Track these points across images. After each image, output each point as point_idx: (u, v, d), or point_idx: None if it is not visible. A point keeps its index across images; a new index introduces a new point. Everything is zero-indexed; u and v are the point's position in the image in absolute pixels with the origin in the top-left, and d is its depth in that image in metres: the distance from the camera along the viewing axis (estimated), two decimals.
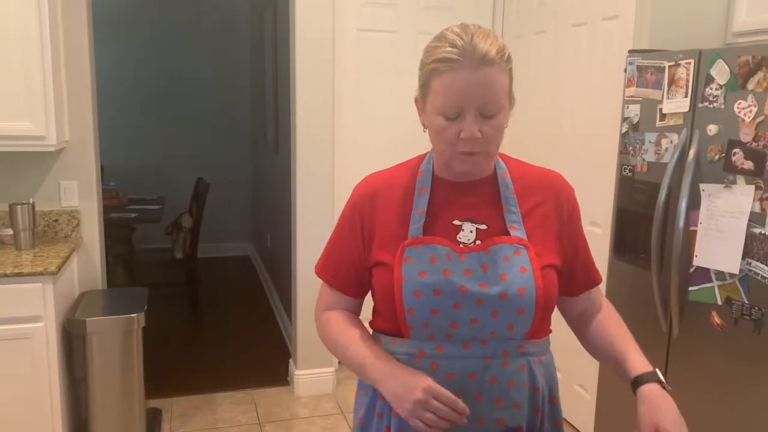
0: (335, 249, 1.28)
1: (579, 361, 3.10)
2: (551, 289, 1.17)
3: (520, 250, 1.14)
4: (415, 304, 1.12)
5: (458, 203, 1.19)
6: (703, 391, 2.17)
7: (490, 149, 1.13)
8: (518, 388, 1.15)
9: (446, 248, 1.14)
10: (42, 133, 2.70)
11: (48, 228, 3.08)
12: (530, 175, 1.25)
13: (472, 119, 1.08)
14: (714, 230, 2.07)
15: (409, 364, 1.14)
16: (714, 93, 2.09)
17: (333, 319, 1.28)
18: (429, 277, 1.12)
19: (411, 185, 1.22)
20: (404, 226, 1.18)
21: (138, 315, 2.80)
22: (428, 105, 1.12)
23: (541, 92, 3.37)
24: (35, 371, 2.58)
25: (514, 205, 1.19)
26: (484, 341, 1.13)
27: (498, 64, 1.08)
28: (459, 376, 1.12)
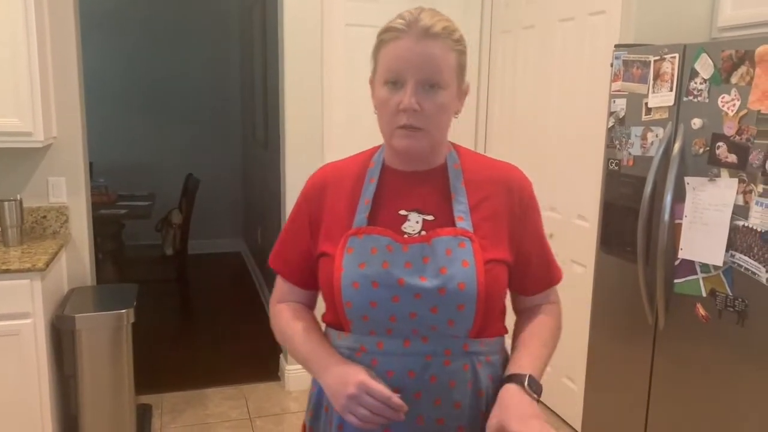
0: (286, 240, 1.27)
1: (566, 352, 3.12)
2: (496, 284, 1.13)
3: (464, 242, 1.11)
4: (353, 296, 1.10)
5: (406, 193, 1.17)
6: (689, 382, 2.19)
7: (431, 127, 1.10)
8: (459, 387, 1.12)
9: (388, 239, 1.12)
10: (29, 129, 2.68)
11: (36, 224, 3.07)
12: (483, 167, 1.22)
13: (411, 89, 1.06)
14: (698, 223, 2.09)
15: (350, 358, 1.14)
16: (698, 87, 2.11)
17: (282, 312, 1.27)
18: (368, 268, 1.10)
19: (361, 175, 1.21)
20: (351, 217, 1.16)
21: (127, 311, 2.80)
22: (376, 78, 1.13)
23: (528, 87, 3.38)
24: (24, 368, 2.57)
25: (462, 195, 1.16)
26: (425, 338, 1.11)
27: (443, 39, 1.08)
28: (398, 373, 1.10)
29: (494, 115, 3.76)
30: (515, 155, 3.55)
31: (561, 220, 3.14)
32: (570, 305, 3.05)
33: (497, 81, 3.71)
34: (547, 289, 1.29)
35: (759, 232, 1.90)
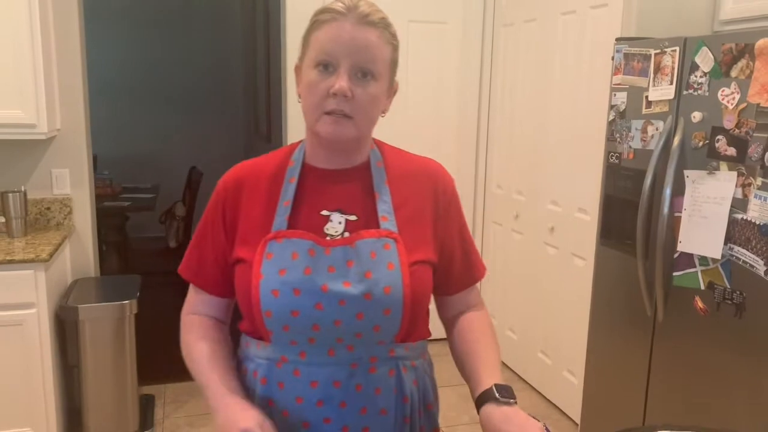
0: (198, 244, 1.18)
1: (567, 346, 3.14)
2: (421, 286, 1.09)
3: (388, 244, 1.06)
4: (272, 305, 1.04)
5: (328, 192, 1.11)
6: (687, 374, 2.20)
7: (360, 117, 1.05)
8: (385, 394, 1.09)
9: (309, 242, 1.06)
10: (33, 121, 2.70)
11: (40, 216, 3.09)
12: (406, 164, 1.18)
13: (345, 73, 1.02)
14: (697, 216, 2.10)
15: (270, 370, 1.08)
16: (698, 80, 2.11)
17: (191, 328, 1.19)
18: (288, 274, 1.04)
19: (280, 175, 1.13)
20: (269, 220, 1.09)
21: (130, 302, 2.83)
22: (305, 63, 1.06)
23: (530, 80, 3.38)
24: (28, 358, 2.60)
25: (386, 194, 1.11)
26: (350, 346, 1.06)
27: (381, 30, 1.05)
28: (322, 384, 1.06)
29: (496, 109, 3.76)
30: (517, 149, 3.56)
31: (562, 214, 3.15)
32: (570, 299, 3.08)
33: (499, 74, 3.71)
34: (470, 286, 1.23)
35: (757, 225, 1.90)
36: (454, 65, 3.78)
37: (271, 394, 1.09)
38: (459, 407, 3.27)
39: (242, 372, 1.15)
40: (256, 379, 1.11)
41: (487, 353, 1.15)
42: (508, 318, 3.75)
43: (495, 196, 3.83)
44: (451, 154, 3.83)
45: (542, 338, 3.38)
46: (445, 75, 3.78)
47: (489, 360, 1.14)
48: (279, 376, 1.08)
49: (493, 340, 1.19)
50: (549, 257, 3.27)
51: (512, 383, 3.60)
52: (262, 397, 1.10)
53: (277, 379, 1.08)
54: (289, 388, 1.08)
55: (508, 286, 3.71)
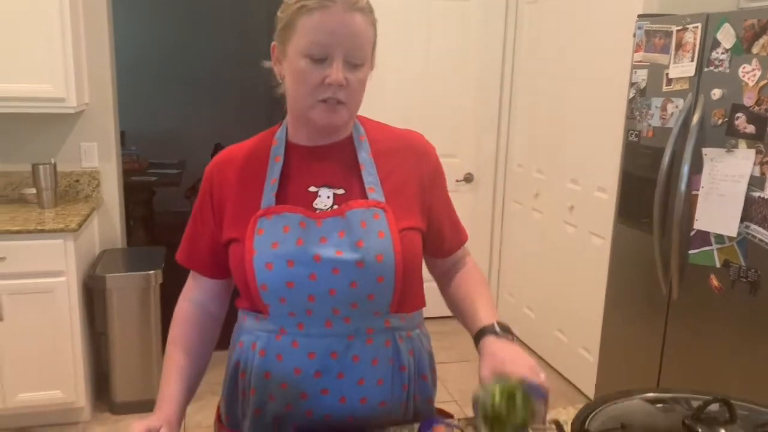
0: (191, 230, 1.23)
1: (583, 324, 3.16)
2: (412, 252, 1.12)
3: (378, 213, 1.08)
4: (267, 278, 1.06)
5: (314, 169, 1.13)
6: (701, 352, 2.21)
7: (351, 102, 1.08)
8: (382, 364, 1.12)
9: (300, 216, 1.08)
10: (62, 95, 2.78)
11: (69, 188, 3.18)
12: (389, 137, 1.20)
13: (339, 63, 1.03)
14: (715, 194, 2.10)
15: (269, 341, 1.11)
16: (720, 57, 2.09)
17: (178, 320, 1.24)
18: (281, 247, 1.06)
19: (264, 155, 1.16)
20: (257, 198, 1.11)
21: (156, 272, 2.91)
22: (290, 49, 1.06)
23: (552, 58, 3.37)
24: (58, 324, 2.70)
25: (371, 166, 1.13)
26: (347, 318, 1.09)
27: (366, 14, 1.05)
28: (319, 355, 1.09)
29: (518, 87, 3.75)
30: (538, 127, 3.55)
31: (581, 192, 3.15)
32: (587, 277, 3.09)
33: (521, 52, 3.69)
34: (459, 249, 1.28)
35: None
36: (477, 43, 3.77)
37: (269, 367, 1.11)
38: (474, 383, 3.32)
39: (239, 346, 1.17)
40: (255, 351, 1.13)
41: (485, 298, 1.20)
42: (526, 296, 3.77)
43: (515, 174, 3.83)
44: (472, 132, 3.84)
45: (559, 316, 3.40)
46: (467, 53, 3.78)
47: (488, 304, 1.19)
48: (278, 348, 1.11)
49: (484, 283, 1.26)
50: (567, 236, 3.28)
51: None
52: (260, 370, 1.12)
53: (276, 351, 1.11)
54: (288, 359, 1.10)
55: (527, 265, 3.73)
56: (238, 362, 1.17)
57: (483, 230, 4.01)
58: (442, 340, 1.53)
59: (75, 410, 2.84)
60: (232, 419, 1.21)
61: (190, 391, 1.20)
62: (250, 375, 1.15)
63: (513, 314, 3.93)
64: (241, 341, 1.17)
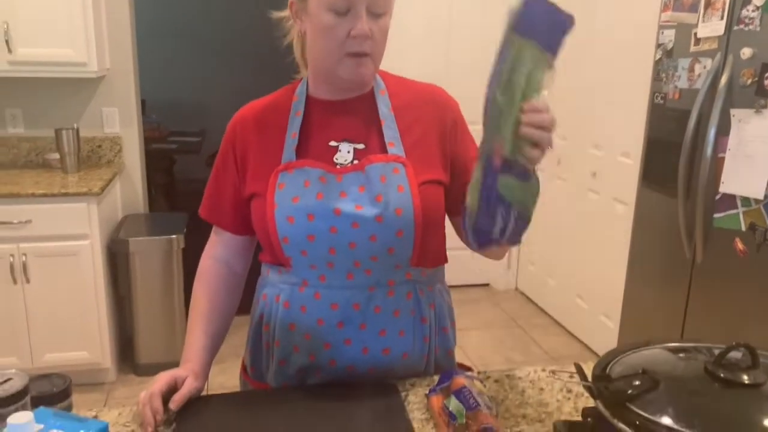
0: (214, 185, 1.23)
1: (604, 291, 3.14)
2: (433, 206, 1.11)
3: (397, 168, 1.08)
4: (289, 231, 1.07)
5: (334, 123, 1.13)
6: (723, 316, 2.19)
7: (376, 53, 1.08)
8: (403, 316, 1.12)
9: (320, 170, 1.09)
10: (83, 60, 2.79)
11: (92, 153, 3.21)
12: (409, 91, 1.19)
13: (364, 14, 1.02)
14: (742, 156, 2.05)
15: (293, 293, 1.12)
16: (750, 15, 2.03)
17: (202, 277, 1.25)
18: (302, 201, 1.07)
19: (285, 110, 1.16)
20: (278, 153, 1.12)
21: (177, 236, 2.94)
22: (312, 3, 1.05)
23: (576, 18, 3.29)
24: (83, 286, 2.75)
25: (392, 121, 1.13)
26: (368, 270, 1.09)
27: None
28: (342, 306, 1.09)
29: None
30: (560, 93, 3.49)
31: (604, 158, 3.11)
32: (609, 243, 3.06)
33: None
34: None
35: None
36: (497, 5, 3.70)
37: (293, 318, 1.12)
38: (493, 349, 3.33)
39: (263, 299, 1.19)
40: (279, 303, 1.14)
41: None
42: (547, 264, 3.75)
43: None
44: None
45: (580, 283, 3.39)
46: (489, 10, 3.71)
47: None
48: (301, 300, 1.12)
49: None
50: (590, 203, 3.25)
51: (548, 327, 3.64)
52: (284, 321, 1.13)
53: (300, 302, 1.12)
54: (311, 310, 1.11)
55: (548, 233, 3.71)
56: (262, 315, 1.19)
57: None
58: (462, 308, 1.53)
59: (101, 371, 2.90)
60: (257, 371, 1.23)
61: (215, 346, 1.22)
62: (274, 327, 1.16)
63: (534, 282, 3.92)
64: (265, 294, 1.19)
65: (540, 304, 3.86)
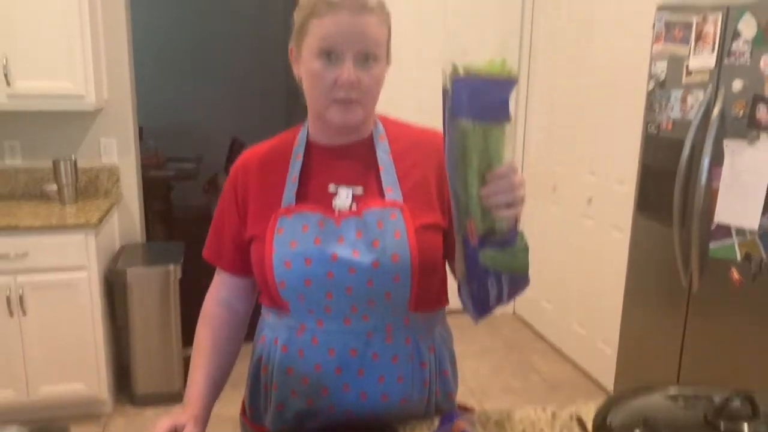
0: (217, 227, 1.25)
1: (601, 316, 3.15)
2: (431, 250, 1.11)
3: (395, 213, 1.09)
4: (286, 276, 1.08)
5: (333, 168, 1.15)
6: (721, 346, 2.20)
7: (366, 100, 1.09)
8: (402, 362, 1.12)
9: (318, 215, 1.10)
10: (81, 93, 2.81)
11: (89, 183, 3.22)
12: (409, 135, 1.21)
13: (351, 63, 1.05)
14: (736, 186, 2.07)
15: (290, 337, 1.13)
16: (741, 48, 2.07)
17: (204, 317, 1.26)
18: (299, 246, 1.08)
19: (286, 154, 1.18)
20: (278, 196, 1.14)
21: (175, 266, 2.94)
22: (305, 51, 1.09)
23: (570, 49, 3.34)
24: (80, 318, 2.74)
25: (390, 166, 1.14)
26: (365, 315, 1.10)
27: (377, 14, 1.07)
28: (339, 351, 1.10)
29: (536, 78, 3.73)
30: (556, 119, 3.53)
31: (600, 185, 3.13)
32: (606, 270, 3.07)
33: (539, 43, 3.67)
34: None
35: None
36: (494, 35, 3.75)
37: (291, 362, 1.13)
38: (492, 376, 3.33)
39: (262, 341, 1.20)
40: (277, 346, 1.15)
41: None
42: (544, 289, 3.76)
43: (533, 167, 3.82)
44: None
45: (578, 309, 3.39)
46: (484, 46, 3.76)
47: None
48: (298, 344, 1.12)
49: None
50: (586, 229, 3.27)
51: (547, 353, 3.63)
52: (282, 365, 1.14)
53: (297, 346, 1.12)
54: (309, 355, 1.11)
55: (545, 258, 3.72)
56: (261, 356, 1.19)
57: None
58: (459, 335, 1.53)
59: (97, 402, 2.89)
60: (256, 412, 1.23)
61: (217, 389, 1.22)
62: (272, 370, 1.16)
63: (531, 307, 3.93)
64: (264, 336, 1.20)
65: (538, 330, 3.87)
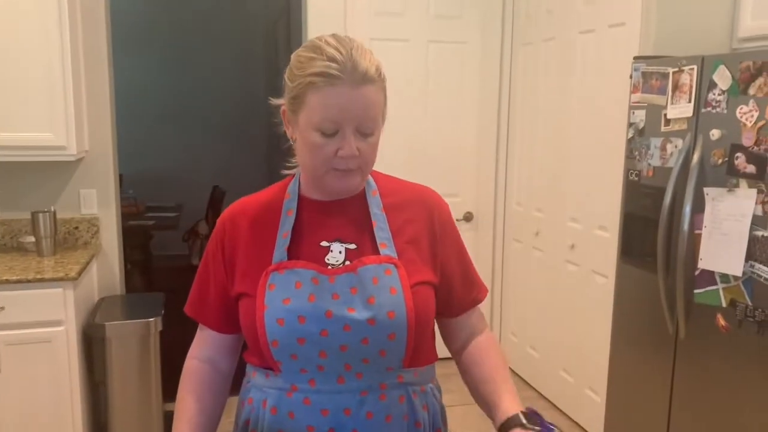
0: (201, 282, 1.21)
1: (589, 364, 3.13)
2: (424, 307, 1.10)
3: (390, 269, 1.08)
4: (279, 334, 1.05)
5: (326, 224, 1.13)
6: (710, 392, 2.19)
7: (367, 167, 1.10)
8: (396, 421, 1.10)
9: (312, 272, 1.08)
10: (62, 144, 2.78)
11: (68, 235, 3.17)
12: (400, 191, 1.20)
13: (351, 137, 1.04)
14: (718, 233, 2.10)
15: (280, 399, 1.09)
16: (717, 98, 2.12)
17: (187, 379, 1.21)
18: (293, 303, 1.06)
19: (276, 208, 1.15)
20: (269, 252, 1.11)
21: (155, 319, 2.88)
22: (302, 120, 1.06)
23: (549, 98, 3.40)
24: (56, 374, 2.65)
25: (383, 222, 1.13)
26: (359, 374, 1.08)
27: (376, 82, 1.05)
28: (332, 412, 1.07)
29: (515, 127, 3.79)
30: (537, 166, 3.57)
31: (582, 231, 3.15)
32: (592, 316, 3.07)
33: (518, 93, 3.74)
34: (473, 307, 1.24)
35: None
36: (474, 84, 3.81)
37: (281, 425, 1.09)
38: (480, 425, 3.27)
39: (249, 403, 1.15)
40: (266, 409, 1.11)
41: (503, 378, 1.16)
42: (529, 336, 3.74)
43: (515, 213, 3.84)
44: (472, 172, 3.86)
45: (564, 356, 3.37)
46: (465, 94, 3.82)
47: (508, 386, 1.14)
48: (289, 406, 1.09)
49: (505, 364, 1.20)
50: (570, 274, 3.27)
51: (534, 401, 3.59)
52: (272, 427, 1.10)
53: (288, 408, 1.09)
54: (300, 417, 1.08)
55: (529, 304, 3.71)
56: (248, 420, 1.15)
57: (484, 269, 3.99)
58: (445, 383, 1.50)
59: None
60: None
61: None
62: None
63: (517, 354, 3.89)
64: (251, 398, 1.15)
65: (525, 378, 3.83)
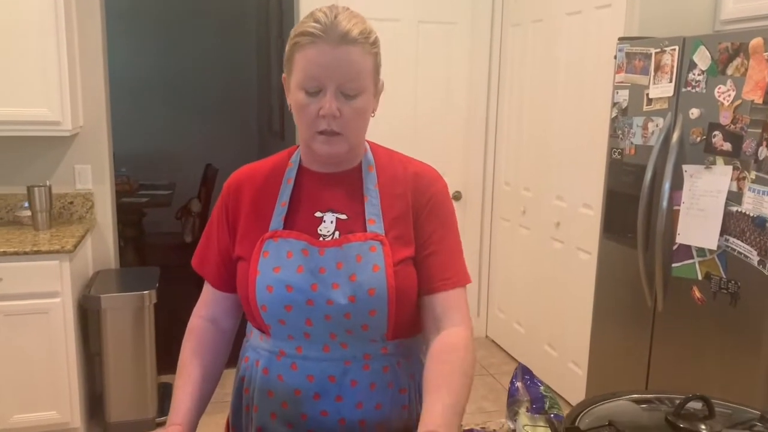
0: (207, 243, 1.26)
1: (572, 338, 3.22)
2: (407, 284, 1.13)
3: (375, 246, 1.11)
4: (268, 300, 1.11)
5: (322, 195, 1.17)
6: (687, 362, 2.28)
7: (350, 132, 1.10)
8: (380, 389, 1.15)
9: (303, 243, 1.13)
10: (57, 119, 2.83)
11: (64, 210, 3.22)
12: (398, 167, 1.21)
13: (332, 95, 1.06)
14: (695, 209, 2.18)
15: (270, 361, 1.16)
16: (696, 78, 2.19)
17: (191, 337, 1.25)
18: (283, 272, 1.11)
19: (278, 176, 1.20)
20: (267, 219, 1.16)
21: (150, 292, 2.94)
22: (291, 81, 1.10)
23: (536, 79, 3.47)
24: (53, 345, 2.72)
25: (375, 197, 1.16)
26: (344, 343, 1.12)
27: (361, 44, 1.06)
28: (318, 378, 1.12)
29: (504, 107, 3.85)
30: (524, 146, 3.64)
31: (567, 209, 3.23)
32: (575, 292, 3.16)
33: (507, 73, 3.79)
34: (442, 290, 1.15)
35: (751, 217, 1.98)
36: (464, 65, 3.87)
37: (271, 385, 1.16)
38: None
39: (245, 361, 1.22)
40: (258, 368, 1.17)
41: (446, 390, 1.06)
42: (515, 311, 3.83)
43: (503, 192, 3.92)
44: (460, 151, 3.92)
45: (548, 331, 3.47)
46: (455, 74, 3.87)
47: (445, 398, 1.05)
48: (278, 369, 1.15)
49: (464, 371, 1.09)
50: (555, 251, 3.36)
51: None
52: (263, 387, 1.16)
53: (277, 371, 1.15)
54: (288, 380, 1.14)
55: (516, 281, 3.80)
56: (243, 377, 1.22)
57: (472, 247, 4.08)
58: None
59: (69, 431, 2.85)
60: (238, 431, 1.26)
61: (202, 407, 1.23)
62: (253, 391, 1.19)
63: (503, 329, 3.99)
64: (247, 357, 1.22)
65: (510, 352, 3.93)
